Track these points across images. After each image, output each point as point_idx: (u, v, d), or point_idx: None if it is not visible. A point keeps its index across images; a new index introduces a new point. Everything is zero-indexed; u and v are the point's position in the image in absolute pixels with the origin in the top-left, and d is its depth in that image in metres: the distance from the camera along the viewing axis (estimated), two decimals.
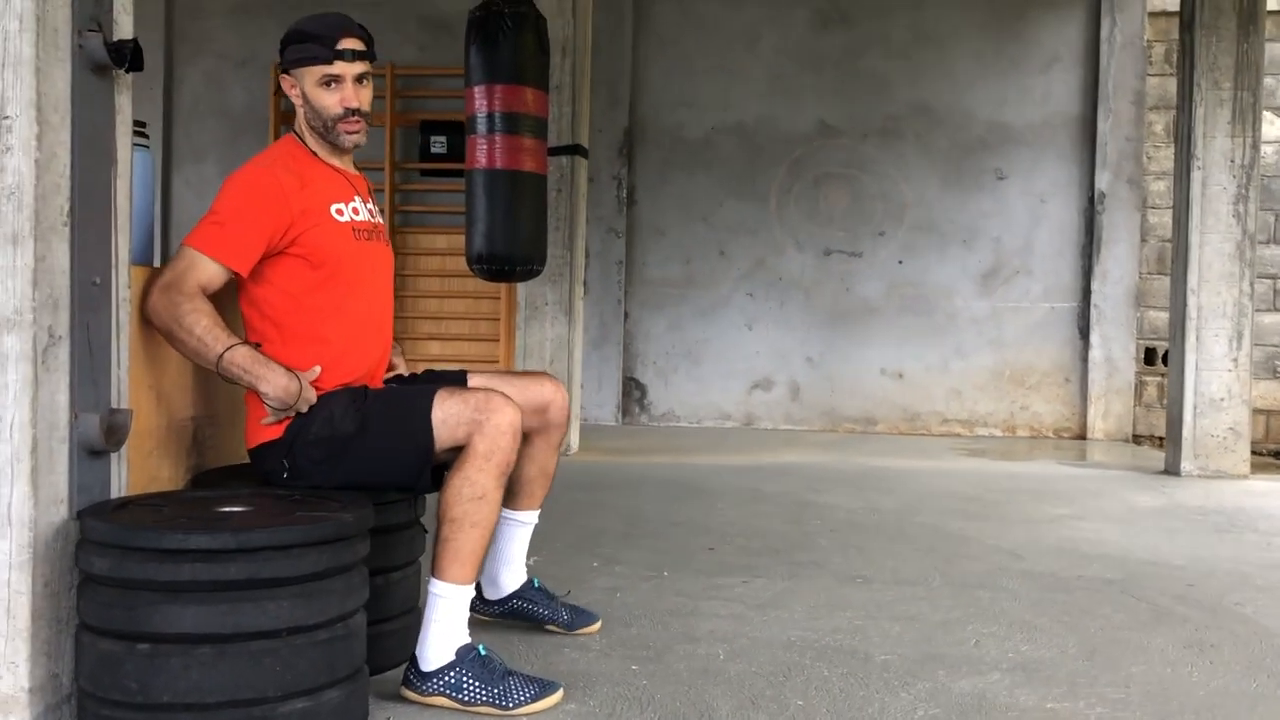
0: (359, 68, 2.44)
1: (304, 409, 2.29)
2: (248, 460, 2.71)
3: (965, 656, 2.65)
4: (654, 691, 2.37)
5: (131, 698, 1.85)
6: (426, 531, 2.67)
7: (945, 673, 2.52)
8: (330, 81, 2.42)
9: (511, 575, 2.77)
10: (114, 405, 2.06)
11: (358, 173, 2.61)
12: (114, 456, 2.08)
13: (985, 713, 2.27)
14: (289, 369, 2.26)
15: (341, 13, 2.50)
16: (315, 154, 2.49)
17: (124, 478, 2.13)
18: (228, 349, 2.19)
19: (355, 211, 2.48)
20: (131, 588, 1.86)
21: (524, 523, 2.70)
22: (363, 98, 2.46)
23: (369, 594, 2.15)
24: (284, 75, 2.48)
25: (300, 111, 2.48)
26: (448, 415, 2.29)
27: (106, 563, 1.87)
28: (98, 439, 1.98)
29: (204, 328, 2.19)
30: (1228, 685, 2.47)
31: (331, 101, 2.42)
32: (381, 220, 2.62)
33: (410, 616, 2.55)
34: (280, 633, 1.90)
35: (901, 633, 2.85)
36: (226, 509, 2.05)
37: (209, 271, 2.25)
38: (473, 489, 2.25)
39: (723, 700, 2.32)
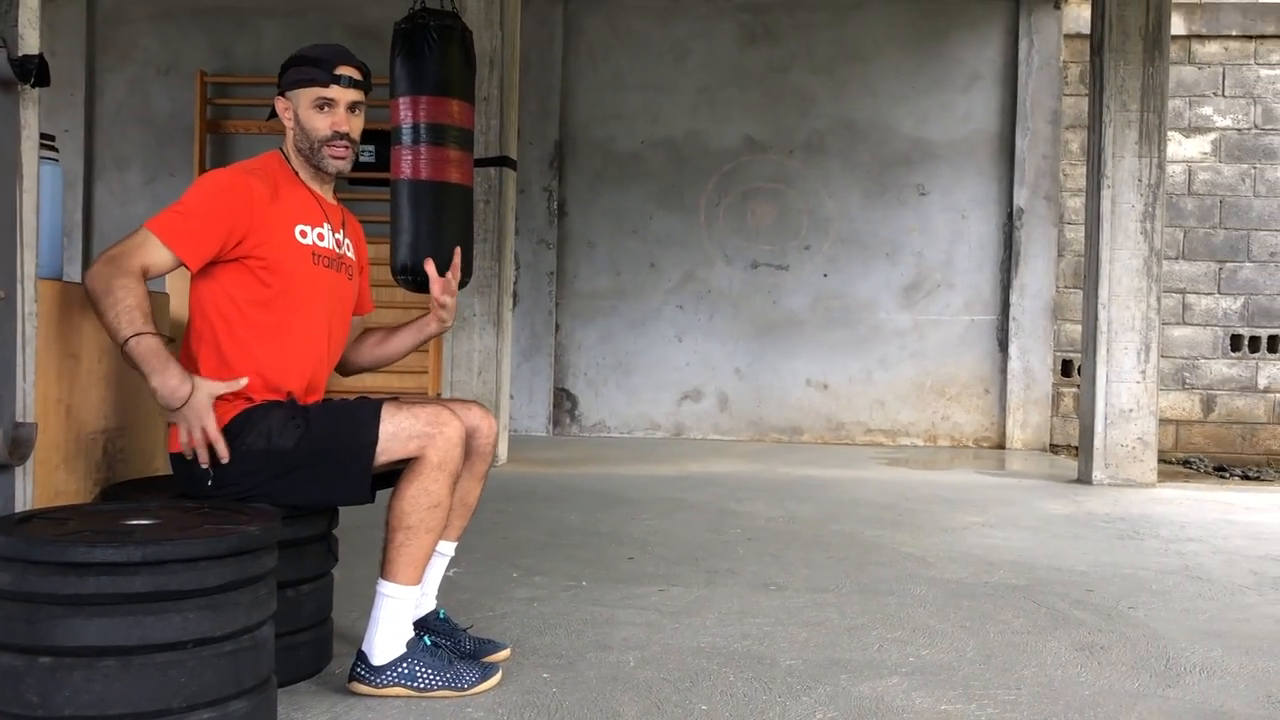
0: (353, 95, 2.52)
1: (194, 419, 2.22)
2: (159, 473, 2.73)
3: (868, 661, 2.74)
4: (563, 699, 2.41)
5: (32, 711, 1.85)
6: (336, 544, 2.70)
7: (847, 677, 2.60)
8: (324, 104, 2.48)
9: (420, 604, 2.78)
10: (19, 419, 2.07)
11: (336, 203, 2.64)
12: (19, 470, 2.08)
13: (882, 715, 2.35)
14: (189, 375, 2.22)
15: (343, 45, 2.58)
16: (297, 174, 2.54)
17: (29, 491, 2.14)
18: (137, 335, 2.16)
19: (320, 237, 2.51)
20: (34, 601, 1.86)
21: (441, 554, 2.69)
22: (353, 125, 2.54)
23: (278, 606, 2.17)
24: (280, 97, 2.53)
25: (290, 133, 2.53)
26: (398, 429, 2.34)
27: (8, 577, 1.87)
28: (1, 453, 1.98)
29: (126, 307, 2.18)
30: (1112, 685, 2.59)
31: (323, 124, 2.49)
32: (352, 255, 2.64)
33: (323, 628, 2.58)
34: (186, 644, 1.92)
35: (808, 638, 2.93)
36: (132, 522, 2.06)
37: (158, 256, 2.27)
38: (429, 498, 2.36)
39: (629, 706, 2.37)
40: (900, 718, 2.34)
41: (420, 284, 5.23)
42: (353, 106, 2.53)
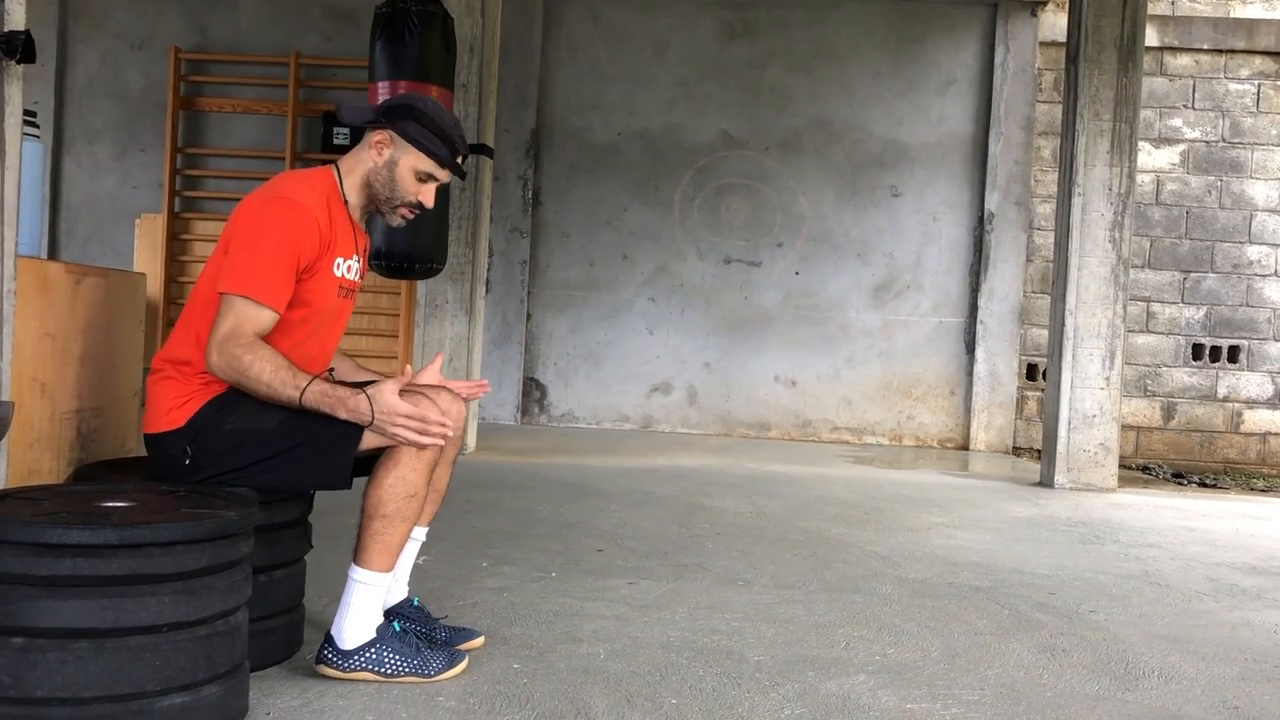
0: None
1: (390, 425, 2.29)
2: (132, 453, 2.72)
3: (834, 659, 2.77)
4: (533, 690, 2.43)
5: (4, 692, 1.84)
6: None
7: (814, 674, 2.64)
8: (428, 179, 2.52)
9: (392, 592, 2.76)
10: None
11: (363, 229, 2.66)
12: None
13: (848, 713, 2.39)
14: (358, 392, 2.29)
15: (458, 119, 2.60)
16: (346, 201, 2.53)
17: (3, 470, 2.12)
18: (300, 394, 2.26)
19: (349, 269, 2.54)
20: (7, 582, 1.85)
21: (413, 539, 2.70)
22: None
23: (252, 590, 2.17)
24: (385, 129, 2.48)
25: (371, 165, 2.51)
26: None
27: None
28: None
29: (270, 374, 2.25)
30: (1073, 687, 2.64)
31: (414, 191, 2.52)
32: (360, 279, 2.64)
33: (295, 613, 2.58)
34: (160, 628, 1.92)
35: (776, 635, 2.96)
36: (108, 504, 2.05)
37: (262, 318, 2.29)
38: (407, 488, 2.37)
39: (600, 698, 2.39)
40: (866, 716, 2.38)
41: (394, 270, 5.23)
42: None
